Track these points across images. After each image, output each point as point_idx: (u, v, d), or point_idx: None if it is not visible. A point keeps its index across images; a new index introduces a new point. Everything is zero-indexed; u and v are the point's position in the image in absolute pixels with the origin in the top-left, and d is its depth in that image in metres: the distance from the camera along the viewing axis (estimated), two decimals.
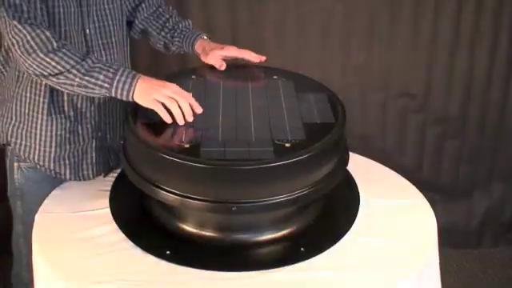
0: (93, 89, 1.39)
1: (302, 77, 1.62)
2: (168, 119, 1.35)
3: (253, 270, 1.27)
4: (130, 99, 1.38)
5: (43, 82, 1.45)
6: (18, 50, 1.37)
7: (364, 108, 2.30)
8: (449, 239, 2.37)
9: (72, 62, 1.37)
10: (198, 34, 1.66)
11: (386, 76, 2.26)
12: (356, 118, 2.28)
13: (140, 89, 1.37)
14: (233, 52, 1.61)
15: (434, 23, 2.18)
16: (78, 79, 1.38)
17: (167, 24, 1.68)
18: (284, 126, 1.36)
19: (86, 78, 1.38)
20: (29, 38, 1.36)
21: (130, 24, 1.68)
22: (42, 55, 1.37)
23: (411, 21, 2.18)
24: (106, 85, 1.38)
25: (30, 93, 1.48)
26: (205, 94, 1.49)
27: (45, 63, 1.37)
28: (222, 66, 1.61)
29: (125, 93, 1.38)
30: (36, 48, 1.36)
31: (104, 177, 1.60)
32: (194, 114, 1.37)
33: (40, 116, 1.49)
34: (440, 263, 1.46)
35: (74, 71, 1.38)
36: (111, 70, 1.38)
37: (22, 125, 1.52)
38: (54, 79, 1.39)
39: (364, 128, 2.33)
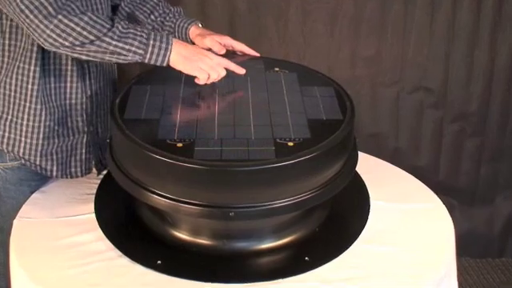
0: (125, 55, 1.40)
1: (306, 69, 1.62)
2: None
3: (252, 282, 1.27)
4: (165, 64, 1.43)
5: (32, 67, 1.44)
6: (32, 16, 1.34)
7: (375, 103, 2.30)
8: (468, 248, 2.37)
9: (103, 29, 1.37)
10: (192, 20, 1.67)
11: (399, 68, 2.26)
12: (366, 115, 2.28)
13: (179, 54, 1.43)
14: (228, 41, 1.62)
15: (452, 10, 2.17)
16: (111, 47, 1.39)
17: (157, 8, 1.69)
18: (287, 122, 1.36)
19: (120, 44, 1.39)
20: None
21: (115, 8, 1.68)
22: (66, 20, 1.34)
23: (427, 7, 2.17)
24: (140, 51, 1.41)
25: (17, 79, 1.47)
26: (199, 87, 1.48)
27: (69, 30, 1.35)
28: (222, 50, 1.61)
29: (160, 58, 1.42)
30: (59, 10, 1.34)
31: (97, 175, 1.61)
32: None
33: (28, 104, 1.48)
34: (458, 274, 1.45)
35: (107, 39, 1.38)
36: (144, 36, 1.41)
37: (5, 115, 1.51)
38: (79, 49, 1.38)
39: (375, 125, 2.32)
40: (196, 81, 1.45)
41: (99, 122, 1.59)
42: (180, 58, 1.43)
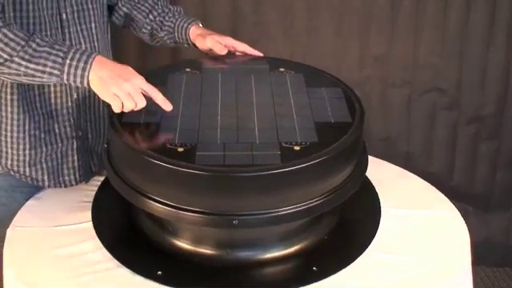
0: (41, 77, 1.35)
1: (313, 69, 1.62)
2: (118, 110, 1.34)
3: None
4: (85, 85, 1.36)
5: None
6: None
7: (385, 105, 2.30)
8: (484, 257, 2.36)
9: (17, 47, 1.31)
10: (192, 19, 1.68)
11: (410, 68, 2.26)
12: (376, 117, 2.28)
13: (97, 77, 1.34)
14: (229, 41, 1.62)
15: (466, 6, 2.17)
16: (23, 68, 1.33)
17: (156, 7, 1.69)
18: (293, 126, 1.36)
19: (32, 65, 1.33)
20: None
21: (111, 8, 1.69)
22: None
23: (440, 3, 2.18)
24: (55, 71, 1.34)
25: None
26: (201, 89, 1.49)
27: None
28: (223, 51, 1.61)
29: (78, 79, 1.35)
30: None
31: (86, 183, 1.61)
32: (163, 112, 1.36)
33: (9, 115, 1.49)
34: (474, 284, 1.45)
35: (18, 59, 1.32)
36: (61, 54, 1.34)
37: None
38: None
39: (385, 128, 2.32)
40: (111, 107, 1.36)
41: (89, 127, 1.59)
42: (96, 80, 1.34)
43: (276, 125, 1.36)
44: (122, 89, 1.33)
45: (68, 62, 1.34)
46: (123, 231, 1.45)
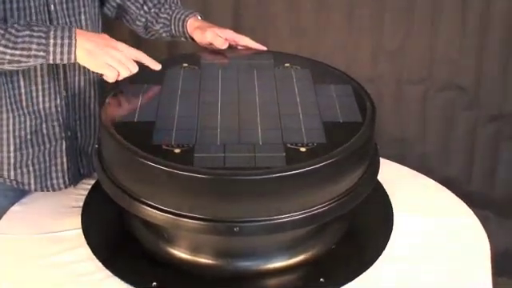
0: (26, 62, 1.39)
1: (321, 65, 1.63)
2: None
3: None
4: (73, 61, 1.41)
5: None
6: None
7: (399, 103, 2.30)
8: (506, 267, 2.36)
9: None
10: (190, 11, 1.68)
11: (427, 64, 2.26)
12: (389, 116, 2.28)
13: (85, 50, 1.40)
14: (230, 34, 1.62)
15: None
16: (8, 56, 1.38)
17: None
18: (298, 125, 1.36)
19: (17, 52, 1.38)
20: None
21: (103, 1, 1.69)
22: None
23: None
24: (41, 53, 1.39)
25: None
26: (199, 86, 1.49)
27: None
28: (224, 45, 1.61)
29: (65, 56, 1.40)
30: None
31: (74, 187, 1.61)
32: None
33: None
34: None
35: (1, 48, 1.37)
36: (42, 35, 1.39)
37: None
38: None
39: (399, 129, 2.32)
40: (104, 78, 1.44)
41: (78, 126, 1.60)
42: (84, 53, 1.41)
43: (281, 125, 1.36)
44: (113, 57, 1.41)
45: (52, 41, 1.38)
46: (115, 239, 1.45)
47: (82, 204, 1.53)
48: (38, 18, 1.47)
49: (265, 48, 1.65)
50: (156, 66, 1.49)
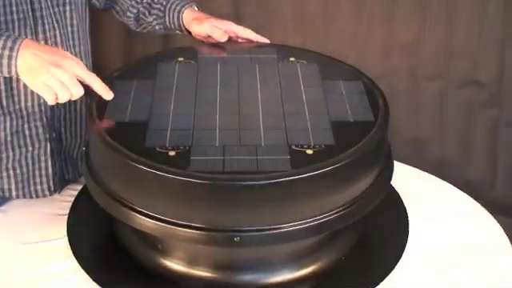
0: None
1: (328, 59, 1.62)
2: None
3: None
4: (14, 75, 1.36)
5: None
6: None
7: (415, 101, 2.30)
8: None
9: None
10: (186, 1, 1.68)
11: (444, 58, 2.26)
12: (404, 115, 2.28)
13: (25, 65, 1.33)
14: (230, 26, 1.62)
15: None
16: None
17: None
18: (305, 125, 1.36)
19: None
20: None
21: None
22: None
23: None
24: None
25: None
26: (196, 82, 1.49)
27: None
28: (223, 37, 1.61)
29: (5, 69, 1.35)
30: None
31: (59, 193, 1.61)
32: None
33: None
34: None
35: None
36: None
37: None
38: None
39: (415, 128, 2.32)
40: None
41: (64, 127, 1.60)
42: (24, 67, 1.34)
43: (285, 124, 1.36)
44: (53, 77, 1.32)
45: None
46: (104, 250, 1.45)
47: (67, 212, 1.53)
48: (19, 9, 1.47)
49: (267, 40, 1.65)
50: (107, 95, 1.38)
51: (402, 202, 1.56)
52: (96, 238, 1.48)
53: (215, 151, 1.28)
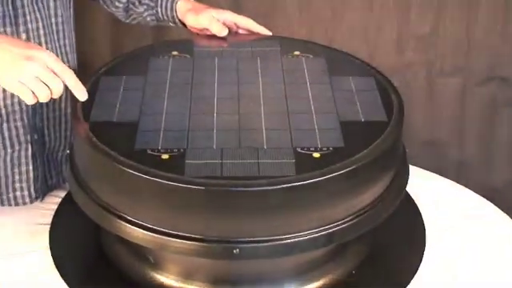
0: None
1: (337, 53, 1.63)
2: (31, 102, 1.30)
3: None
4: None
5: None
6: None
7: (432, 99, 2.30)
8: None
9: None
10: None
11: (463, 51, 2.26)
12: (420, 115, 2.28)
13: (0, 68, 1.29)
14: (230, 16, 1.62)
15: None
16: None
17: None
18: (311, 126, 1.36)
19: None
20: None
21: None
22: None
23: None
24: None
25: None
26: (192, 78, 1.49)
27: None
28: (223, 30, 1.61)
29: None
30: None
31: (41, 200, 1.62)
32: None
33: None
34: None
35: None
36: None
37: None
38: None
39: (432, 129, 2.33)
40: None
41: (46, 128, 1.60)
42: (1, 71, 1.29)
43: (289, 125, 1.36)
44: (26, 72, 1.28)
45: None
46: (91, 263, 1.45)
47: (50, 221, 1.53)
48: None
49: (270, 32, 1.65)
50: (81, 94, 1.34)
51: (418, 209, 1.56)
52: (81, 250, 1.48)
53: (212, 154, 1.28)
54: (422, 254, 1.45)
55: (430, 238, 1.49)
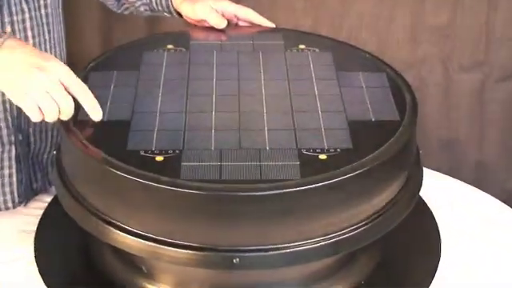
0: None
1: (345, 46, 1.63)
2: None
3: None
4: None
5: None
6: None
7: (448, 96, 2.30)
8: None
9: None
10: None
11: (483, 45, 2.26)
12: (435, 113, 2.28)
13: (8, 76, 1.29)
14: (229, 7, 1.62)
15: None
16: None
17: None
18: (317, 126, 1.36)
19: None
20: None
21: None
22: None
23: None
24: None
25: None
26: (188, 73, 1.50)
27: None
28: (222, 22, 1.61)
29: None
30: None
31: (25, 205, 1.62)
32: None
33: None
34: None
35: None
36: None
37: None
38: None
39: (448, 129, 2.33)
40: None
41: (32, 128, 1.60)
42: (8, 83, 1.29)
43: (294, 124, 1.36)
44: (35, 84, 1.26)
45: None
46: (78, 272, 1.45)
47: (35, 228, 1.53)
48: None
49: (273, 25, 1.65)
50: (96, 114, 1.33)
51: (433, 215, 1.56)
52: (69, 259, 1.48)
53: (210, 156, 1.28)
54: (437, 263, 1.45)
55: (444, 246, 1.49)
